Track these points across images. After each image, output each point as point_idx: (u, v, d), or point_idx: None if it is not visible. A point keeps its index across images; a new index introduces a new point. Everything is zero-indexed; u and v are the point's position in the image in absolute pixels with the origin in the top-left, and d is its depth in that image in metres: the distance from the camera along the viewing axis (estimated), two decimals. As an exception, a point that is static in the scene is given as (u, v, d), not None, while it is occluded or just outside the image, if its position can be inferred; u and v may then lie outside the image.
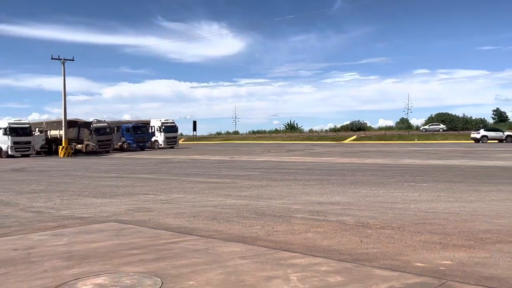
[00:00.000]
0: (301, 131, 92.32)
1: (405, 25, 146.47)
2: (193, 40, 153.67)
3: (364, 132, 78.89)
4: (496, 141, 50.08)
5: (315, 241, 7.01)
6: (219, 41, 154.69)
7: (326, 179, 16.46)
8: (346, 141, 63.05)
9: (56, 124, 46.82)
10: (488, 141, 49.52)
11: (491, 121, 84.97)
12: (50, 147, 46.32)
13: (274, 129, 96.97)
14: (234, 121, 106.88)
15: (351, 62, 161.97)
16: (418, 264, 5.66)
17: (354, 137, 68.24)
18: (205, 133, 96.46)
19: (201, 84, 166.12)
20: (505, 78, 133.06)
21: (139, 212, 10.23)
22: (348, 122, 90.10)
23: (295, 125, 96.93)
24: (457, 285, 4.74)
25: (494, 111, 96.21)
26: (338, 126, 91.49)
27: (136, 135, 51.28)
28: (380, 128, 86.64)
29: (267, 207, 10.43)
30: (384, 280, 4.93)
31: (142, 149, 51.00)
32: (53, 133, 46.67)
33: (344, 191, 13.09)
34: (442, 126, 54.40)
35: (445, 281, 4.89)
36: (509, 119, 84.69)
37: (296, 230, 7.89)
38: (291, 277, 5.09)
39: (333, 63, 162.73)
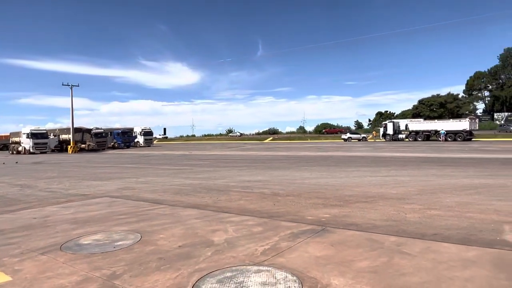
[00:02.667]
0: (237, 134, 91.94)
1: (302, 67, 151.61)
2: (164, 73, 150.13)
3: (277, 135, 79.99)
4: (357, 140, 52.61)
5: (245, 206, 7.05)
6: (181, 74, 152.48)
7: (252, 166, 16.55)
8: (265, 141, 63.67)
9: (66, 130, 44.53)
10: (352, 140, 51.89)
11: (353, 127, 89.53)
12: (62, 147, 43.91)
13: (219, 133, 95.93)
14: (192, 128, 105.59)
15: (269, 90, 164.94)
16: (309, 217, 5.85)
17: (271, 138, 68.94)
18: (172, 136, 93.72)
19: (170, 103, 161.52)
20: (362, 102, 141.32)
21: (125, 190, 9.79)
22: (267, 128, 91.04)
23: (233, 130, 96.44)
24: (331, 229, 4.98)
25: (355, 121, 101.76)
26: (261, 131, 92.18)
27: (124, 138, 49.51)
28: (287, 132, 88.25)
29: (214, 184, 10.35)
30: (288, 228, 5.06)
31: (128, 147, 48.93)
32: (64, 136, 44.27)
33: (264, 173, 13.22)
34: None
35: (324, 227, 5.10)
36: (364, 126, 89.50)
37: (233, 199, 7.90)
38: (229, 229, 5.10)
39: (257, 90, 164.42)
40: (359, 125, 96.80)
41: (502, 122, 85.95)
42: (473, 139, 41.61)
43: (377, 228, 5.07)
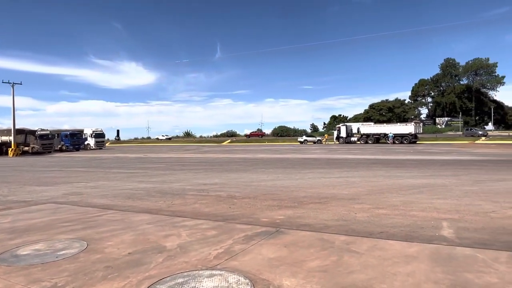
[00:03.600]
0: (194, 136, 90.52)
1: (260, 70, 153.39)
2: (118, 73, 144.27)
3: (235, 137, 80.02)
4: (312, 143, 54.14)
5: (200, 209, 6.94)
6: (136, 74, 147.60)
7: (209, 169, 16.36)
8: (224, 143, 63.41)
9: (6, 132, 40.71)
10: (308, 143, 53.30)
11: (309, 130, 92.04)
12: (1, 149, 39.83)
13: (176, 135, 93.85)
14: (147, 130, 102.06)
15: (227, 92, 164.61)
16: (264, 219, 5.89)
17: (229, 140, 68.83)
18: (125, 138, 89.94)
19: (124, 104, 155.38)
20: (318, 105, 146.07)
21: (72, 195, 9.20)
22: (225, 131, 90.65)
23: (190, 132, 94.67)
24: (285, 230, 5.04)
25: (311, 125, 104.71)
26: (219, 133, 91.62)
27: (73, 140, 46.49)
28: (245, 135, 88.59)
29: (169, 188, 10.07)
30: (242, 231, 5.05)
31: (77, 150, 46.03)
32: (4, 138, 40.40)
33: (221, 175, 13.12)
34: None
35: (278, 228, 5.16)
36: (319, 129, 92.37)
37: (188, 202, 7.74)
38: (182, 234, 4.98)
39: (216, 92, 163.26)
40: (314, 128, 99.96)
41: (443, 126, 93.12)
42: (417, 142, 44.60)
43: (329, 228, 5.22)
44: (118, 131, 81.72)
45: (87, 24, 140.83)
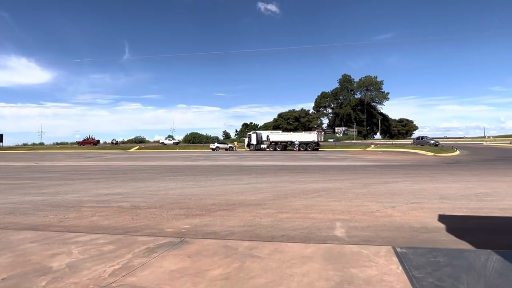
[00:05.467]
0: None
1: (172, 75, 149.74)
2: (3, 69, 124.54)
3: (144, 144, 75.97)
4: (224, 150, 54.58)
5: (98, 222, 6.36)
6: (27, 71, 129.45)
7: (113, 177, 15.17)
8: (131, 150, 59.66)
9: None
10: (220, 150, 53.56)
11: (222, 137, 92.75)
12: None
13: (76, 141, 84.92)
14: (40, 135, 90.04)
15: (136, 96, 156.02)
16: (169, 229, 5.67)
17: (137, 147, 65.04)
18: (12, 144, 77.74)
19: (9, 105, 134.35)
20: (230, 113, 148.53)
21: None
22: (133, 137, 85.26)
23: (93, 138, 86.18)
24: (190, 240, 4.92)
25: (223, 132, 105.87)
26: (126, 139, 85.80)
27: None
28: (155, 141, 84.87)
29: (62, 200, 9.00)
30: (144, 243, 4.77)
31: None
32: None
33: (125, 185, 12.27)
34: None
35: (183, 238, 5.01)
36: (232, 136, 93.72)
37: (84, 215, 7.01)
38: (73, 251, 4.46)
39: (123, 96, 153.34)
40: (227, 135, 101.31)
41: (341, 134, 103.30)
42: (319, 149, 48.59)
43: (234, 235, 5.27)
44: (1, 135, 70.17)
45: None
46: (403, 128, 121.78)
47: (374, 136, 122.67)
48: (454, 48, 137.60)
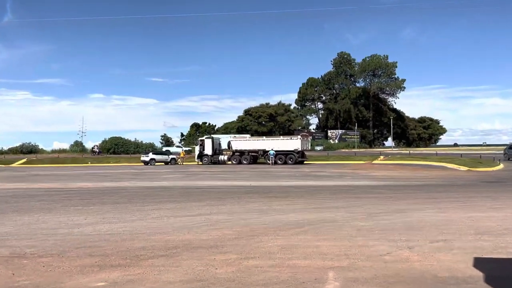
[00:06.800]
0: None
1: (83, 47, 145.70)
2: None
3: (35, 155, 73.57)
4: (164, 163, 54.03)
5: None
6: None
7: (-15, 208, 14.48)
8: (14, 165, 57.67)
9: None
10: (157, 164, 52.95)
11: (159, 145, 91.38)
12: None
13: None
14: None
15: (23, 80, 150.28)
16: (72, 290, 5.48)
17: (24, 160, 63.10)
18: None
19: None
20: (171, 107, 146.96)
21: None
22: (18, 144, 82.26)
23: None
24: (106, 306, 4.77)
25: (162, 136, 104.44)
26: (6, 148, 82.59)
27: None
28: (54, 151, 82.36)
29: None
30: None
31: None
32: None
33: (3, 219, 11.72)
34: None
35: (95, 304, 4.84)
36: (175, 143, 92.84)
37: None
38: None
39: (2, 79, 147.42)
40: (167, 141, 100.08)
41: (336, 140, 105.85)
42: (305, 162, 49.32)
43: (175, 295, 5.18)
44: None
45: None
46: (425, 131, 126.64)
47: (384, 142, 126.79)
48: (498, 15, 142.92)
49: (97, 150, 73.71)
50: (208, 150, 51.57)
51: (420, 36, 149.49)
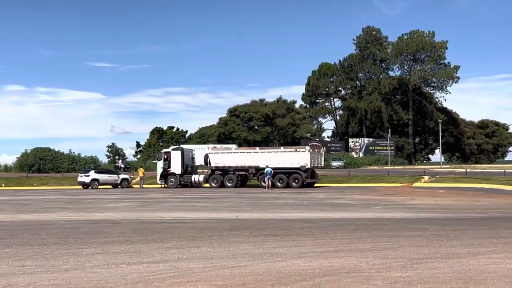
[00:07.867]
0: None
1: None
2: None
3: None
4: (112, 186, 53.76)
5: None
6: None
7: None
8: None
9: None
10: (100, 187, 52.62)
11: (106, 160, 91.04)
12: None
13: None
14: None
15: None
16: None
17: None
18: None
19: None
20: (123, 105, 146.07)
21: None
22: None
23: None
24: None
25: (109, 146, 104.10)
26: None
27: None
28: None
29: None
30: None
31: None
32: None
33: None
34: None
35: None
36: (127, 158, 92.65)
37: None
38: None
39: None
40: (117, 153, 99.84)
41: (361, 152, 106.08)
42: (316, 184, 49.24)
43: None
44: None
45: None
46: (488, 141, 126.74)
47: (430, 156, 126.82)
48: None
49: (123, 165, 73.68)
50: (176, 167, 51.28)
51: (481, 6, 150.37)
